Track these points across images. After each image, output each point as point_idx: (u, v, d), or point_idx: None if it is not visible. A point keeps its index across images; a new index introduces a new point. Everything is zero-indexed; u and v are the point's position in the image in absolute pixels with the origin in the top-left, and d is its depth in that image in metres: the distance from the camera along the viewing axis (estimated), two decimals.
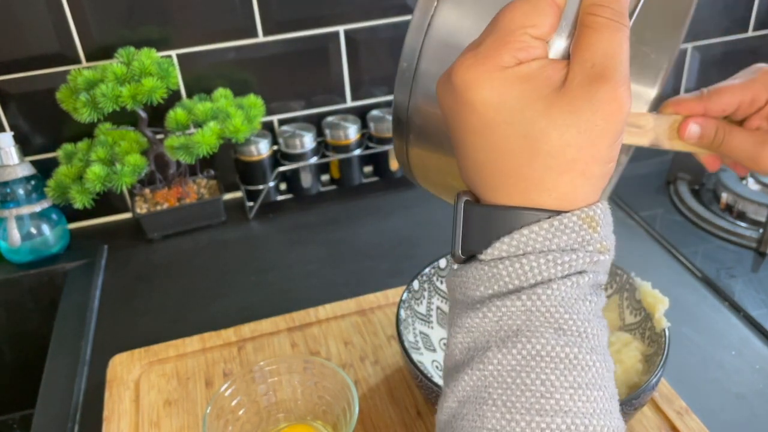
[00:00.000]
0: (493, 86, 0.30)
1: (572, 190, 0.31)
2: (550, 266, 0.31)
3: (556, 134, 0.30)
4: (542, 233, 0.31)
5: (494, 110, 0.31)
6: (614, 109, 0.30)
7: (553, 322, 0.31)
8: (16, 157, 0.91)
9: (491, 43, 0.31)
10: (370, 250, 0.94)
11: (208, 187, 1.04)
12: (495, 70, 0.30)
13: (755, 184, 0.98)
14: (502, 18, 0.31)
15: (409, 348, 0.62)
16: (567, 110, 0.30)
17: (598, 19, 0.31)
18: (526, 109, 0.30)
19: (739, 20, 1.22)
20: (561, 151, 0.30)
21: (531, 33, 0.31)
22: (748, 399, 0.67)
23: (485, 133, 0.31)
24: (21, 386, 0.99)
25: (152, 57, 0.90)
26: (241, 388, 0.63)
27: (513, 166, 0.31)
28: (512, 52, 0.31)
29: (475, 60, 0.31)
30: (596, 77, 0.30)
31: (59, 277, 0.95)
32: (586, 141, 0.30)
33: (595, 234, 0.31)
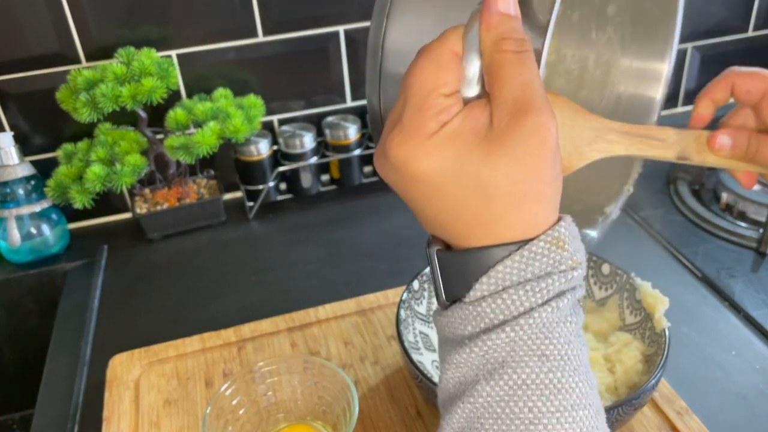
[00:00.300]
0: (428, 155, 0.32)
1: (533, 218, 0.33)
2: (530, 296, 0.32)
3: (501, 176, 0.32)
4: (515, 265, 0.32)
5: (438, 175, 0.32)
6: (544, 135, 0.31)
7: (536, 349, 0.32)
8: (16, 157, 0.91)
9: (412, 115, 0.32)
10: (370, 250, 0.94)
11: (208, 187, 1.04)
12: (424, 139, 0.32)
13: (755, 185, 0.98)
14: (412, 85, 0.33)
15: (409, 348, 0.62)
16: (503, 152, 0.31)
17: (506, 56, 0.32)
18: (467, 164, 0.32)
19: (739, 20, 1.22)
20: (512, 189, 0.32)
21: (443, 92, 0.32)
22: (748, 399, 0.67)
23: (437, 196, 0.33)
24: (21, 386, 0.99)
25: (152, 57, 0.90)
26: (241, 388, 0.63)
27: (473, 216, 0.33)
28: (434, 118, 0.32)
29: (403, 136, 0.32)
30: (519, 112, 0.31)
31: (59, 277, 0.95)
32: (530, 172, 0.32)
33: (564, 252, 0.33)
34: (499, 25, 0.33)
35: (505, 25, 0.33)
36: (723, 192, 0.97)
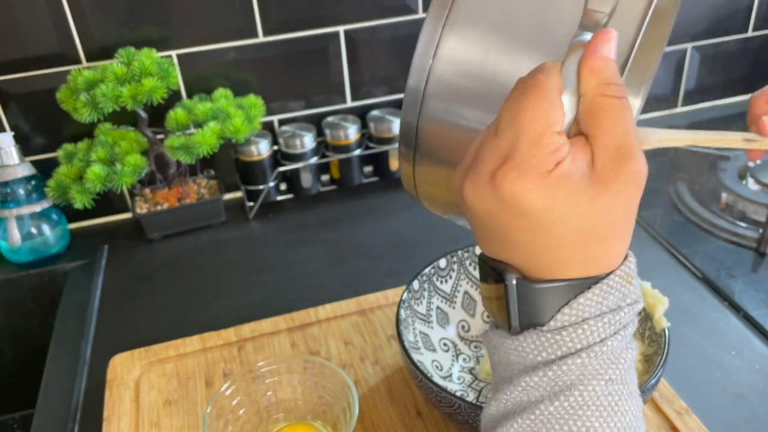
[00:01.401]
0: (542, 194, 0.32)
1: (616, 256, 0.35)
2: (606, 327, 0.34)
3: (604, 221, 0.33)
4: (595, 299, 0.34)
5: (547, 214, 0.33)
6: (640, 182, 0.33)
7: (603, 374, 0.34)
8: (17, 157, 0.91)
9: (528, 152, 0.32)
10: (370, 250, 0.94)
11: (208, 187, 1.04)
12: (541, 178, 0.32)
13: (755, 184, 0.98)
14: (526, 120, 0.33)
15: (409, 348, 0.62)
16: (607, 197, 0.33)
17: (610, 101, 0.33)
18: (575, 207, 0.33)
19: (739, 20, 1.22)
20: (610, 232, 0.34)
21: (556, 130, 0.33)
22: (748, 399, 0.67)
23: (536, 232, 0.34)
24: (21, 386, 0.99)
25: (152, 57, 0.90)
26: (241, 387, 0.63)
27: (567, 254, 0.34)
28: (550, 156, 0.32)
29: (519, 172, 0.32)
30: (622, 159, 0.33)
31: (59, 277, 0.95)
32: (629, 215, 0.34)
33: (631, 287, 0.35)
34: (603, 69, 0.33)
35: (609, 70, 0.33)
36: (723, 192, 0.97)
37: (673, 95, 1.26)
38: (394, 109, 1.08)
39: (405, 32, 1.05)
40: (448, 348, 0.71)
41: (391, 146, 1.06)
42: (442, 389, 0.56)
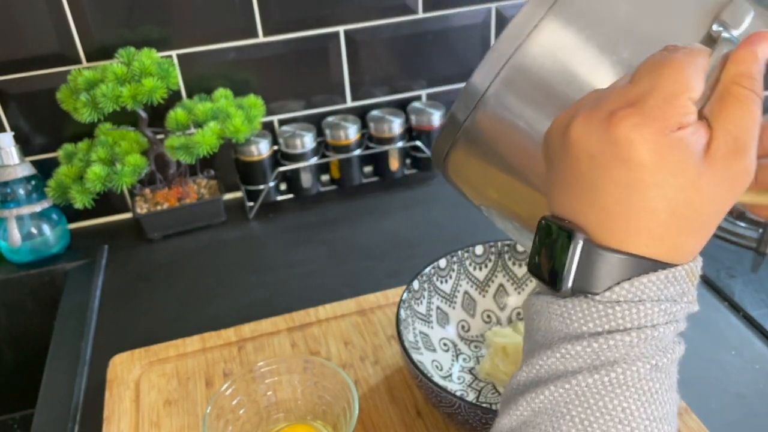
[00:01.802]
0: (656, 149, 0.31)
1: (691, 248, 0.34)
2: (662, 315, 0.33)
3: (698, 203, 0.32)
4: (658, 283, 0.33)
5: (650, 172, 0.31)
6: (746, 181, 0.33)
7: (650, 358, 0.33)
8: (17, 157, 0.91)
9: (659, 104, 0.31)
10: (370, 250, 0.94)
11: (209, 187, 1.04)
12: (661, 133, 0.31)
13: None
14: (666, 77, 0.32)
15: (409, 348, 0.62)
16: (713, 182, 0.32)
17: (744, 91, 0.32)
18: (678, 176, 0.31)
19: None
20: (699, 218, 0.33)
21: (692, 97, 0.32)
22: (747, 399, 0.68)
23: (630, 188, 0.32)
24: (21, 386, 0.99)
25: (152, 57, 0.90)
26: (241, 387, 0.63)
27: (649, 225, 0.32)
28: (678, 117, 0.31)
29: (642, 119, 0.31)
30: (737, 151, 0.32)
31: (59, 277, 0.95)
32: (720, 209, 0.33)
33: (692, 287, 0.34)
34: (749, 61, 0.33)
35: (753, 64, 0.33)
36: None
37: None
38: (394, 109, 1.08)
39: (405, 32, 1.05)
40: (448, 348, 0.71)
41: (391, 146, 1.06)
42: (442, 389, 0.56)
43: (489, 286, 0.74)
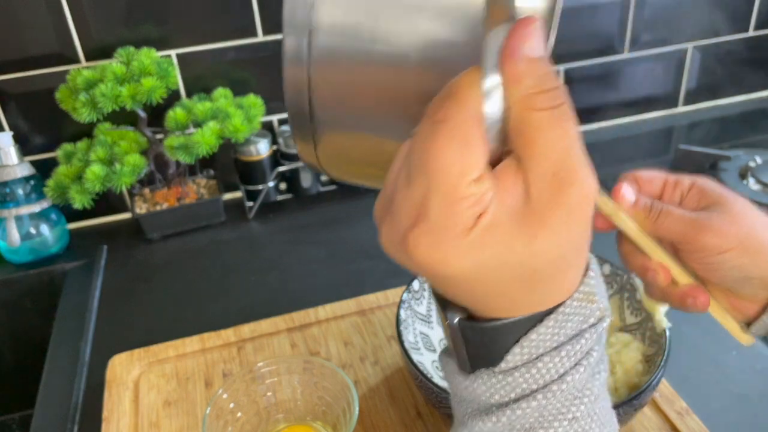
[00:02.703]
0: (465, 256, 0.27)
1: (569, 284, 0.30)
2: (564, 361, 0.30)
3: (545, 261, 0.28)
4: (549, 331, 0.30)
5: (475, 272, 0.28)
6: (587, 208, 0.28)
7: (566, 412, 0.30)
8: (16, 157, 0.91)
9: (441, 210, 0.27)
10: (370, 250, 0.94)
11: (208, 187, 1.04)
12: (460, 239, 0.27)
13: (756, 184, 0.98)
14: (434, 167, 0.27)
15: (409, 348, 0.62)
16: (548, 235, 0.27)
17: (541, 115, 0.27)
18: (509, 257, 0.27)
19: (739, 20, 1.22)
20: (554, 271, 0.29)
21: (474, 177, 0.27)
22: (749, 400, 0.67)
23: (471, 288, 0.29)
24: (20, 386, 0.99)
25: (152, 57, 0.90)
26: (240, 388, 0.63)
27: (511, 300, 0.29)
28: (468, 211, 0.27)
29: (433, 238, 0.27)
30: (561, 186, 0.27)
31: (59, 278, 0.95)
32: (575, 246, 0.29)
33: (593, 305, 0.30)
34: (527, 74, 0.27)
35: (535, 73, 0.27)
36: None
37: (674, 95, 1.26)
38: None
39: None
40: None
41: None
42: (443, 390, 0.56)
43: None
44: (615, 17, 1.14)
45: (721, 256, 0.42)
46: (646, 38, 1.17)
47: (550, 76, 0.27)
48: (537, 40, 0.27)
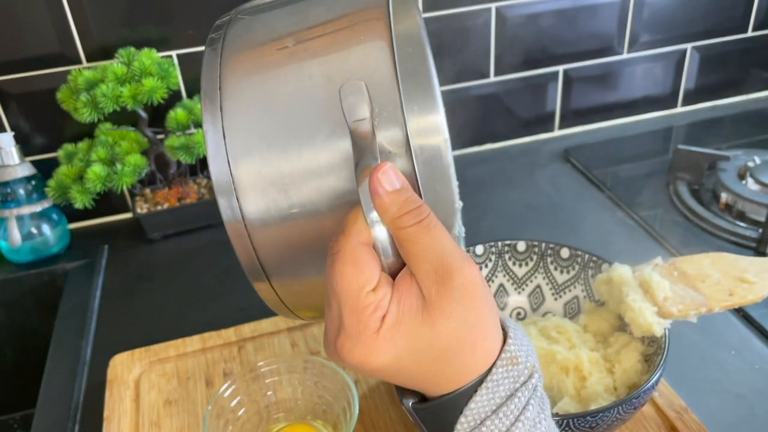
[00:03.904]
0: (381, 351, 0.34)
1: (486, 353, 0.36)
2: (503, 420, 0.35)
3: (451, 340, 0.34)
4: (485, 398, 0.35)
5: (395, 362, 0.34)
6: (471, 289, 0.34)
7: None
8: (17, 157, 0.91)
9: (350, 319, 0.34)
10: None
11: (209, 187, 1.04)
12: (371, 340, 0.34)
13: (755, 184, 0.99)
14: (340, 290, 0.34)
15: None
16: (445, 320, 0.34)
17: (408, 231, 0.34)
18: (418, 343, 0.34)
19: (738, 20, 1.22)
20: (462, 345, 0.35)
21: (370, 289, 0.34)
22: (747, 399, 0.68)
23: (400, 374, 0.35)
24: (21, 386, 0.99)
25: (153, 57, 0.90)
26: (241, 387, 0.63)
27: (436, 376, 0.35)
28: (372, 316, 0.34)
29: (351, 342, 0.34)
30: (443, 280, 0.34)
31: (60, 277, 0.95)
32: (473, 323, 0.34)
33: (519, 366, 0.36)
34: (391, 204, 0.34)
35: (397, 201, 0.34)
36: (723, 192, 0.98)
37: (673, 95, 1.26)
38: None
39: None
40: None
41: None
42: None
43: (489, 286, 0.74)
44: (614, 18, 1.14)
45: None
46: (645, 39, 1.18)
47: (410, 200, 0.34)
48: (390, 179, 0.34)
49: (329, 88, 0.36)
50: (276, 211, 0.38)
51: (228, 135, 0.38)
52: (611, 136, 1.20)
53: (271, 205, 0.37)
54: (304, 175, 0.37)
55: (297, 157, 0.37)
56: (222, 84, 0.39)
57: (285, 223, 0.38)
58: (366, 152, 0.35)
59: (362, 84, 0.36)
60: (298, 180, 0.37)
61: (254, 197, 0.37)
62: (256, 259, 0.40)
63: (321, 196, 0.37)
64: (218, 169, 0.38)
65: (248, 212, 0.38)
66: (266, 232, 0.38)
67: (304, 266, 0.40)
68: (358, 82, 0.36)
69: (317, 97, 0.37)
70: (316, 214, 0.37)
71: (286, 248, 0.39)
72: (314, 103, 0.37)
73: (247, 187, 0.37)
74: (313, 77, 0.37)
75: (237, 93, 0.38)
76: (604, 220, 0.98)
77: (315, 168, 0.37)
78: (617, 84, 1.21)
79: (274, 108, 0.37)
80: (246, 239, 0.39)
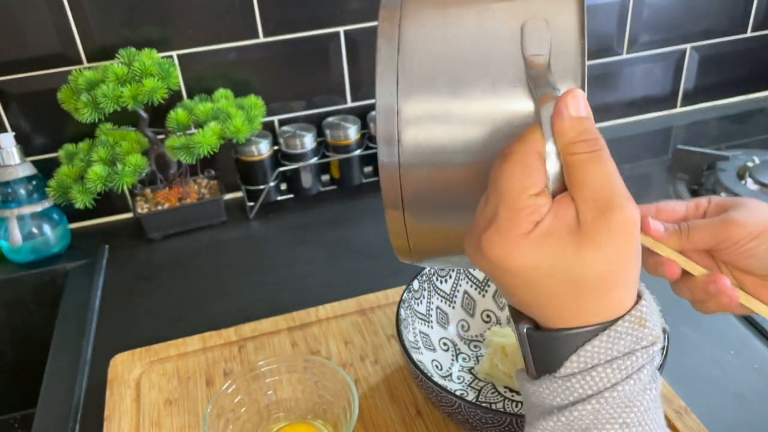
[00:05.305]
0: (523, 254, 0.34)
1: (619, 303, 0.35)
2: (616, 373, 0.35)
3: (591, 271, 0.34)
4: (603, 345, 0.35)
5: (532, 271, 0.35)
6: (630, 229, 0.34)
7: (617, 417, 0.35)
8: (18, 157, 0.91)
9: (506, 215, 0.34)
10: (370, 250, 0.95)
11: (209, 187, 1.04)
12: (520, 239, 0.34)
13: (754, 184, 0.99)
14: (503, 187, 0.35)
15: (409, 347, 0.63)
16: (593, 249, 0.34)
17: (579, 157, 0.34)
18: (560, 260, 0.34)
19: (738, 20, 1.22)
20: (601, 282, 0.34)
21: (533, 193, 0.34)
22: (747, 398, 0.68)
23: (530, 287, 0.35)
24: (22, 386, 0.99)
25: (153, 57, 0.90)
26: (241, 387, 0.63)
27: (564, 304, 0.35)
28: (527, 218, 0.34)
29: (499, 236, 0.35)
30: (604, 209, 0.34)
31: (60, 277, 0.95)
32: (618, 264, 0.34)
33: (645, 330, 0.36)
34: (570, 129, 0.35)
35: (576, 129, 0.34)
36: (722, 192, 0.98)
37: (673, 95, 1.27)
38: None
39: None
40: (447, 347, 0.71)
41: None
42: (442, 389, 0.56)
43: (489, 286, 0.75)
44: (614, 18, 1.14)
45: (754, 242, 0.46)
46: (645, 39, 1.18)
47: (589, 130, 0.35)
48: (578, 105, 0.35)
49: (511, 28, 0.36)
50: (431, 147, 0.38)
51: (401, 57, 0.38)
52: (611, 136, 1.20)
53: (430, 140, 0.38)
54: (469, 116, 0.37)
55: (465, 97, 0.37)
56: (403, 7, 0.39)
57: (437, 161, 0.38)
58: (539, 82, 0.35)
59: (545, 22, 0.36)
60: (461, 119, 0.37)
61: (414, 129, 0.38)
62: (399, 189, 0.40)
63: (478, 143, 0.37)
64: (385, 91, 0.38)
65: (405, 142, 0.38)
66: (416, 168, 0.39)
67: (443, 210, 0.40)
68: (541, 20, 0.36)
69: (498, 35, 0.37)
70: (470, 161, 0.37)
71: (430, 187, 0.39)
72: (493, 42, 0.37)
73: (410, 118, 0.37)
74: (496, 13, 0.37)
75: (417, 17, 0.38)
76: None
77: (481, 112, 0.37)
78: (617, 84, 1.22)
79: (451, 42, 0.37)
80: (395, 169, 0.39)
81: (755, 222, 0.46)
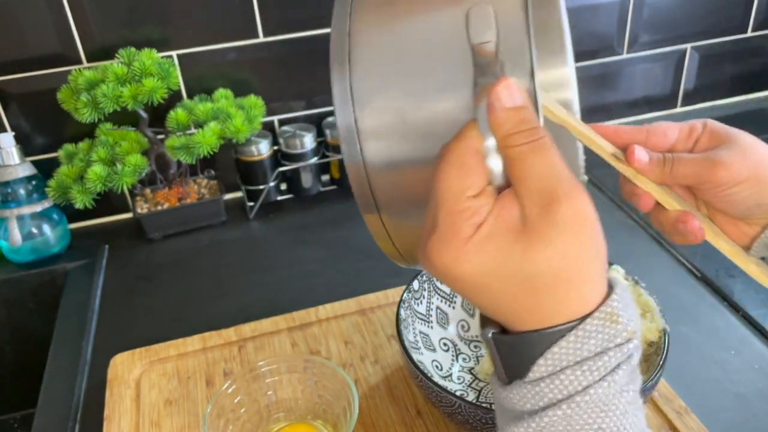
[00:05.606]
0: (468, 260, 0.32)
1: (582, 299, 0.33)
2: (587, 375, 0.32)
3: (545, 270, 0.32)
4: (570, 346, 0.33)
5: (480, 276, 0.33)
6: (580, 220, 0.32)
7: (592, 423, 0.32)
8: (17, 157, 0.91)
9: (445, 221, 0.33)
10: (370, 250, 0.94)
11: (209, 187, 1.04)
12: (462, 245, 0.32)
13: None
14: (440, 190, 0.33)
15: (409, 347, 0.63)
16: (543, 246, 0.32)
17: (518, 149, 0.32)
18: (508, 262, 0.32)
19: (738, 20, 1.22)
20: (556, 278, 0.32)
21: (471, 194, 0.33)
22: (747, 398, 0.68)
23: (483, 292, 0.34)
24: (22, 386, 0.99)
25: (153, 57, 0.90)
26: (241, 387, 0.63)
27: (522, 306, 0.33)
28: (467, 222, 0.32)
29: (441, 244, 0.33)
30: (549, 202, 0.32)
31: (60, 277, 0.95)
32: (573, 259, 0.32)
33: (618, 326, 0.33)
34: (505, 121, 0.33)
35: (512, 120, 0.33)
36: None
37: (673, 95, 1.27)
38: None
39: None
40: (448, 348, 0.71)
41: None
42: (442, 389, 0.56)
43: None
44: (614, 18, 1.14)
45: (736, 188, 0.45)
46: (645, 39, 1.18)
47: (526, 120, 0.33)
48: (512, 95, 0.33)
49: (458, 21, 0.35)
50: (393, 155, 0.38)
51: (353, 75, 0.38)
52: None
53: (391, 149, 0.38)
54: (422, 122, 0.36)
55: (418, 104, 0.36)
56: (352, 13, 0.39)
57: (401, 167, 0.38)
58: (488, 72, 0.34)
59: (490, 8, 0.35)
60: (416, 126, 0.36)
61: (374, 141, 0.38)
62: (370, 193, 0.40)
63: (438, 144, 0.36)
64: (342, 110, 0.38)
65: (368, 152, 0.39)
66: (383, 174, 0.39)
67: (417, 210, 0.38)
68: (486, 6, 0.35)
69: (444, 30, 0.36)
70: (433, 161, 0.36)
71: (400, 190, 0.39)
72: (441, 41, 0.36)
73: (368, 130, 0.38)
74: (441, 10, 0.36)
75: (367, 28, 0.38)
76: (603, 220, 0.97)
77: (434, 116, 0.36)
78: (617, 84, 1.22)
79: (401, 48, 0.37)
80: (364, 178, 0.40)
81: (741, 167, 0.45)
